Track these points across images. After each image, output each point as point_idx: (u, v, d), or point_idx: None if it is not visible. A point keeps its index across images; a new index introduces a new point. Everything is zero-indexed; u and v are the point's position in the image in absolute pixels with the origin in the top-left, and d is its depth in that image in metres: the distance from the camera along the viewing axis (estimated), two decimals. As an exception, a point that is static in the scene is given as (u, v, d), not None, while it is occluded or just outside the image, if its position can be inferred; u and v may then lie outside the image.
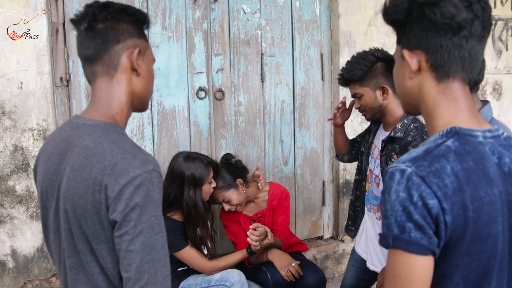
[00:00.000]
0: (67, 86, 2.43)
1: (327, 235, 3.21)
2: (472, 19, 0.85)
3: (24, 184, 2.33)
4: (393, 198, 0.82)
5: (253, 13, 2.81)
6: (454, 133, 0.87)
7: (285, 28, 2.90)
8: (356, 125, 3.04)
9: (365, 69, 1.88)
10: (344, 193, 3.11)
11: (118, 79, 1.10)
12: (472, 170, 0.84)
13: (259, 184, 2.46)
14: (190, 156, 2.25)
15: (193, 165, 2.22)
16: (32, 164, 2.32)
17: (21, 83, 2.27)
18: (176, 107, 2.67)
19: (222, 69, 2.75)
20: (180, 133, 2.69)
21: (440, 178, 0.81)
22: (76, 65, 2.42)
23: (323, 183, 3.14)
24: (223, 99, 2.77)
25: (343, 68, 1.95)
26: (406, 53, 0.92)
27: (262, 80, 2.87)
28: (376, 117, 1.96)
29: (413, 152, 0.86)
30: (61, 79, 2.40)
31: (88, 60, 1.11)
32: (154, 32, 2.57)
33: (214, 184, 2.30)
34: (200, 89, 2.71)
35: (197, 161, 2.24)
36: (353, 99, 2.02)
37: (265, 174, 2.95)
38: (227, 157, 2.48)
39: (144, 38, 1.16)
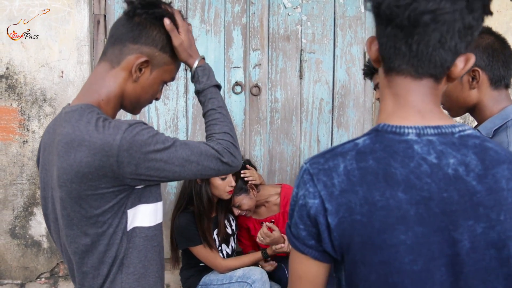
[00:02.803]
0: (106, 76, 2.50)
1: (362, 240, 3.09)
2: (403, 10, 0.71)
3: (61, 169, 2.43)
4: (292, 193, 0.83)
5: (294, 8, 2.74)
6: (374, 130, 0.79)
7: (327, 24, 2.82)
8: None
9: None
10: (382, 198, 2.98)
11: (116, 73, 1.13)
12: (369, 170, 0.74)
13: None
14: None
15: None
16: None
17: (62, 72, 2.36)
18: (211, 101, 2.67)
19: (260, 65, 2.72)
20: (214, 127, 2.69)
21: (329, 177, 0.76)
22: (115, 56, 2.48)
23: (360, 186, 3.02)
24: (259, 95, 2.74)
25: (369, 58, 1.91)
26: (368, 40, 0.83)
27: (301, 77, 2.81)
28: None
29: (324, 150, 0.82)
30: (100, 69, 2.47)
31: (108, 39, 1.16)
32: (193, 25, 2.57)
33: (231, 182, 2.20)
34: (236, 83, 2.69)
35: None
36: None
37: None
38: None
39: (169, 53, 1.16)
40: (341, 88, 2.89)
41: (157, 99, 1.23)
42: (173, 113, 2.62)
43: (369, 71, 1.92)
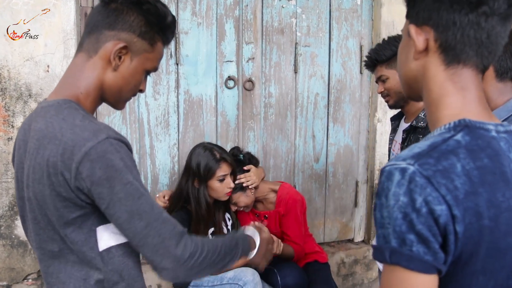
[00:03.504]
0: (94, 70, 2.41)
1: (358, 238, 3.03)
2: None
3: (48, 167, 2.35)
4: (392, 203, 0.68)
5: (288, 0, 2.66)
6: (464, 126, 0.72)
7: (322, 16, 2.74)
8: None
9: (395, 50, 1.76)
10: (378, 195, 2.92)
11: (94, 63, 1.05)
12: (487, 169, 0.69)
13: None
14: (204, 147, 2.14)
15: (200, 157, 2.09)
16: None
17: (48, 66, 2.28)
18: (203, 96, 2.59)
19: (253, 58, 2.64)
20: (206, 123, 2.62)
21: (449, 179, 0.67)
22: (104, 50, 2.39)
23: (357, 183, 2.96)
24: (252, 90, 2.66)
25: (371, 49, 1.85)
26: (412, 28, 0.78)
27: (295, 71, 2.73)
28: (400, 104, 1.83)
29: (416, 148, 0.71)
30: (88, 63, 2.39)
31: (85, 29, 1.08)
32: (184, 18, 2.50)
33: (229, 184, 2.11)
34: (229, 78, 2.62)
35: (208, 153, 2.09)
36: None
37: (295, 170, 2.81)
38: (234, 152, 2.33)
39: (148, 40, 1.07)
40: (337, 82, 2.82)
41: (141, 91, 1.15)
42: (164, 109, 2.54)
43: (371, 63, 1.83)
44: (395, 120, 2.00)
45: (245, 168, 2.25)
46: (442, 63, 0.76)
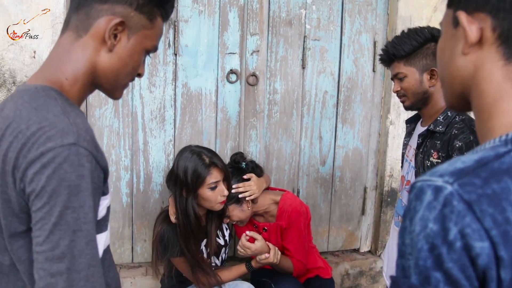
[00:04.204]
0: (85, 58, 2.24)
1: (365, 248, 2.83)
2: None
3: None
4: (417, 229, 0.53)
5: (298, -10, 2.47)
6: None
7: (334, 9, 2.54)
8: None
9: (415, 45, 1.56)
10: (388, 203, 2.72)
11: (84, 43, 0.88)
12: None
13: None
14: (192, 151, 1.90)
15: (188, 162, 1.84)
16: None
17: (34, 52, 2.10)
18: (203, 90, 2.41)
19: (258, 51, 2.45)
20: (205, 119, 2.43)
21: (498, 208, 0.51)
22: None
23: (365, 189, 2.75)
24: (256, 85, 2.47)
25: (388, 42, 1.64)
26: (463, 16, 0.62)
27: (303, 67, 2.54)
28: (417, 105, 1.64)
29: (459, 162, 0.55)
30: (78, 50, 2.21)
31: (71, 4, 0.91)
32: (184, 5, 2.31)
33: (223, 192, 1.87)
34: (231, 71, 2.42)
35: (196, 157, 1.85)
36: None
37: (299, 174, 2.62)
38: (236, 159, 2.11)
39: (147, 15, 0.90)
40: (348, 80, 2.62)
41: (139, 75, 0.98)
42: (159, 102, 2.35)
43: (388, 58, 1.63)
44: (411, 123, 1.81)
45: (245, 177, 2.04)
46: (501, 57, 0.61)
